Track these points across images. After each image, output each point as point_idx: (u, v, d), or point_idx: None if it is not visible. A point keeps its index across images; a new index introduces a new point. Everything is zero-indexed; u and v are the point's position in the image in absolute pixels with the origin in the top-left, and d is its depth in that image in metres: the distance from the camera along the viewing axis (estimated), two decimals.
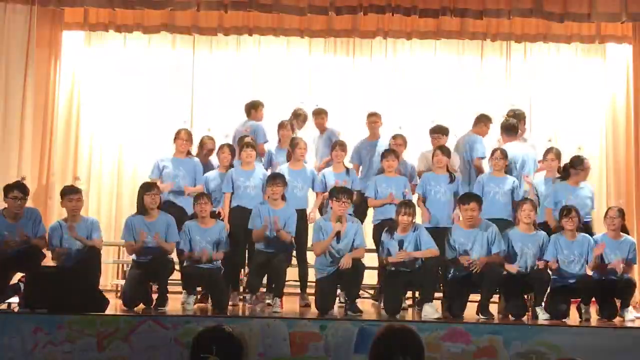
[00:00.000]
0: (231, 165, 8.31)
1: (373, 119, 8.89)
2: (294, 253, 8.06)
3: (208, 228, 7.69)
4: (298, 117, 9.09)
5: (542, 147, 8.79)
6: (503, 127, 8.78)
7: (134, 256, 7.70)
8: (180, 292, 7.80)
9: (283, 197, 7.82)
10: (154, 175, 8.38)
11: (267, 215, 7.60)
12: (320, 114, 9.18)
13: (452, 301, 7.42)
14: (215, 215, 7.95)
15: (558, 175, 8.24)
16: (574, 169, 8.10)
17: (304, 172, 8.31)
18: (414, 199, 8.09)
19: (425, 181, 8.13)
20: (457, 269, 7.47)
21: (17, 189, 7.50)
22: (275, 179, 7.79)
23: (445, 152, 8.18)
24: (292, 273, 8.02)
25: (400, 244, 7.42)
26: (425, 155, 8.70)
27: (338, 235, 7.42)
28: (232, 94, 10.29)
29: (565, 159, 8.29)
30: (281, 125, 8.82)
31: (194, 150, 8.66)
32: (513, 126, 8.74)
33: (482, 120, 8.87)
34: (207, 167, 8.59)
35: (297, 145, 8.31)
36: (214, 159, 8.71)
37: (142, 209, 7.64)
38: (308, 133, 9.20)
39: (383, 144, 8.73)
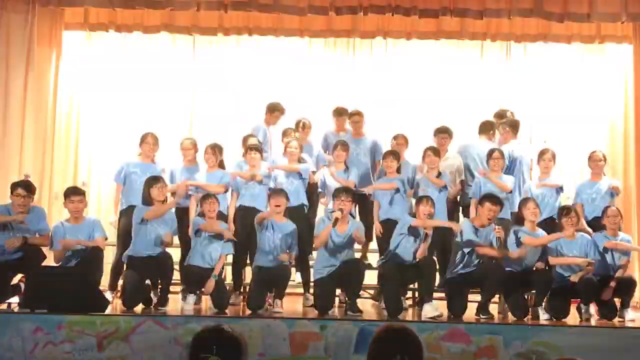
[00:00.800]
0: (220, 165, 8.30)
1: (356, 118, 8.91)
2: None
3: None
4: (297, 126, 9.02)
5: (537, 147, 8.80)
6: (509, 124, 8.75)
7: (132, 254, 7.66)
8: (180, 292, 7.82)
9: (285, 214, 7.78)
10: (118, 181, 8.35)
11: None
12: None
13: (452, 300, 7.43)
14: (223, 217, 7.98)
15: (546, 176, 8.29)
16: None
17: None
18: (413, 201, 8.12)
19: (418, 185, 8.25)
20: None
21: (22, 186, 7.58)
22: (279, 192, 7.79)
23: (436, 152, 8.21)
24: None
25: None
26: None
27: (336, 222, 7.42)
28: (233, 95, 10.28)
29: (565, 160, 8.30)
30: (285, 133, 8.81)
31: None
32: (518, 124, 8.76)
33: (489, 128, 8.85)
34: (193, 169, 8.46)
35: (288, 144, 8.39)
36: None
37: (148, 202, 7.64)
38: (317, 133, 9.21)
39: (368, 141, 8.83)
